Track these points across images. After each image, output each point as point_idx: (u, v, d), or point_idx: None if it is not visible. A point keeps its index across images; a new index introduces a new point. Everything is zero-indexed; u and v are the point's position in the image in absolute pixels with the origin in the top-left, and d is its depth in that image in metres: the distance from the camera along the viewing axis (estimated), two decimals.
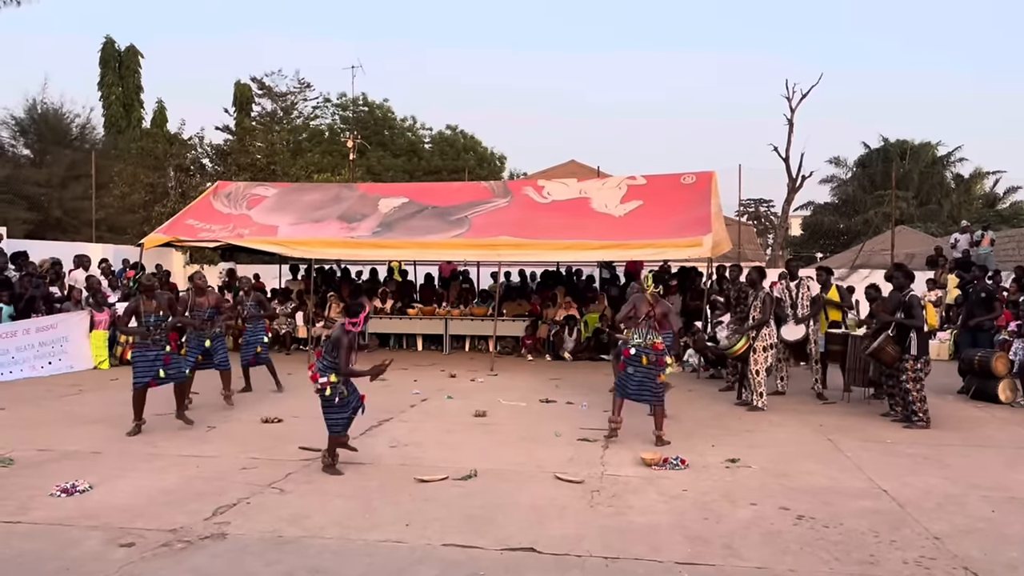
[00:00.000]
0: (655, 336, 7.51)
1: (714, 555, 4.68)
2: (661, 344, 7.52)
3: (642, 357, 7.45)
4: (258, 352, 10.51)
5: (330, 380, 6.30)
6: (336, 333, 6.39)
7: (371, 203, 15.53)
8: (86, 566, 4.48)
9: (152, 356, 7.97)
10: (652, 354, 7.45)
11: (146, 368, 7.93)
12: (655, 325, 7.51)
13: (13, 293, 12.72)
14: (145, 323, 8.01)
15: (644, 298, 7.60)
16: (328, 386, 6.30)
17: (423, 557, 4.64)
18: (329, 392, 6.32)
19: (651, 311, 7.52)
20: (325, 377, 6.31)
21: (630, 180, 15.28)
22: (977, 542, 4.94)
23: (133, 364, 8.09)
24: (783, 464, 6.82)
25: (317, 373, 6.36)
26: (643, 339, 7.50)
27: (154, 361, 7.95)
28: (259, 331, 10.65)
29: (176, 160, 23.68)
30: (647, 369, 7.46)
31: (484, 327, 15.33)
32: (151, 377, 7.93)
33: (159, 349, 8.02)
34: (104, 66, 33.65)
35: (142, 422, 7.94)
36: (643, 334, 7.51)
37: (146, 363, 7.95)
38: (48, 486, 5.92)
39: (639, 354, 7.48)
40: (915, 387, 8.46)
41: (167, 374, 8.03)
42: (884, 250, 21.34)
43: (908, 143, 40.34)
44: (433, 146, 40.89)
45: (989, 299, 11.80)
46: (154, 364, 7.95)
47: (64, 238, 21.93)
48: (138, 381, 7.92)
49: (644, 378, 7.50)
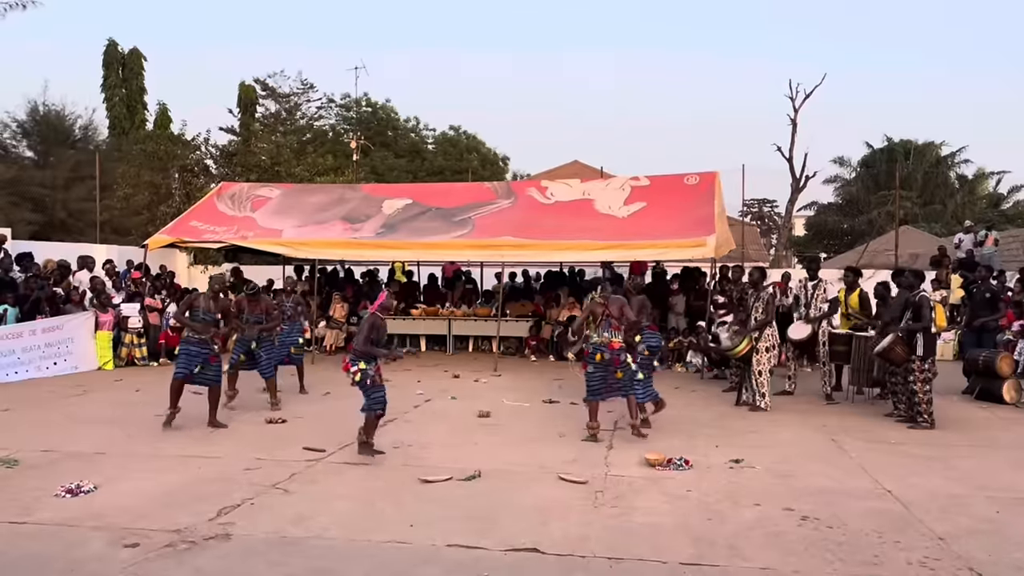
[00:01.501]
0: (613, 335, 7.77)
1: (718, 556, 4.68)
2: (618, 343, 7.76)
3: (596, 354, 7.75)
4: (292, 352, 10.59)
5: (360, 367, 6.82)
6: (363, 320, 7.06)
7: (375, 204, 15.55)
8: (90, 567, 4.49)
9: (195, 352, 8.14)
10: (607, 352, 7.72)
11: (188, 361, 8.13)
12: (614, 324, 7.77)
13: (18, 295, 12.75)
14: (201, 319, 8.22)
15: (596, 302, 7.94)
16: (360, 372, 6.82)
17: (427, 558, 4.64)
18: (360, 377, 6.84)
19: (605, 311, 7.79)
20: (355, 366, 6.84)
21: (633, 181, 15.27)
22: (982, 543, 4.92)
23: (178, 355, 8.37)
24: (787, 465, 6.82)
25: (349, 363, 6.89)
26: (600, 337, 7.79)
27: (196, 357, 8.13)
28: (295, 332, 10.76)
29: (180, 161, 23.70)
30: (604, 366, 7.74)
31: (488, 328, 15.33)
32: (190, 371, 8.11)
33: (207, 349, 8.19)
34: (107, 68, 33.71)
35: (177, 410, 8.13)
36: (600, 333, 7.81)
37: (189, 357, 8.14)
38: (53, 487, 5.94)
39: (595, 351, 7.78)
40: (923, 388, 8.43)
41: (206, 374, 8.18)
42: (888, 250, 21.31)
43: (912, 143, 40.23)
44: (436, 147, 40.89)
45: (994, 299, 11.78)
46: (195, 360, 8.12)
47: (69, 239, 21.95)
48: (178, 372, 8.16)
49: (604, 374, 7.76)
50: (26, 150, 30.72)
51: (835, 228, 41.65)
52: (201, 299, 8.39)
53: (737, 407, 9.60)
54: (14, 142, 30.30)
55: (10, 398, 10.01)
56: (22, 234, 20.87)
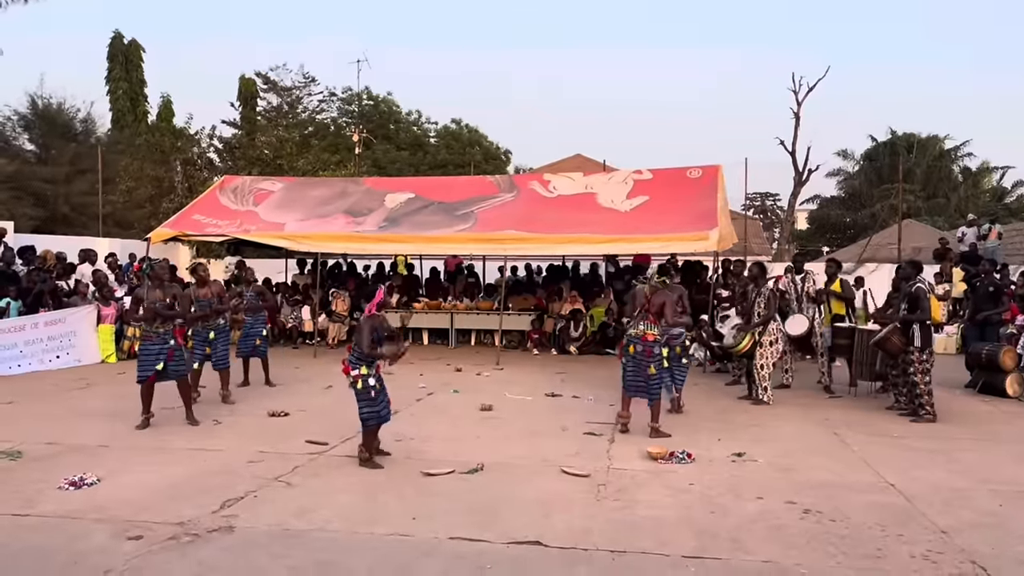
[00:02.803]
0: (649, 327, 7.61)
1: (721, 549, 4.67)
2: (652, 336, 7.58)
3: (631, 346, 7.63)
4: (257, 344, 10.48)
5: (361, 372, 6.37)
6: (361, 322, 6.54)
7: (377, 198, 15.56)
8: (93, 559, 4.49)
9: (156, 350, 7.90)
10: (640, 344, 7.57)
11: (149, 362, 7.88)
12: (651, 317, 7.63)
13: (21, 288, 12.77)
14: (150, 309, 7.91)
15: (643, 291, 7.80)
16: (360, 379, 6.36)
17: (429, 550, 4.64)
18: (361, 385, 6.37)
19: (647, 304, 7.66)
20: (356, 370, 6.38)
21: (636, 174, 15.25)
22: (985, 536, 4.92)
23: (138, 358, 8.05)
24: (789, 458, 6.81)
25: (349, 366, 6.42)
26: (635, 329, 7.68)
27: (157, 355, 7.88)
28: (259, 323, 10.62)
29: (182, 154, 23.69)
30: (636, 359, 7.59)
31: (490, 321, 15.34)
32: (153, 371, 7.87)
33: (163, 343, 7.94)
34: (111, 61, 33.65)
35: (150, 415, 7.93)
36: (636, 324, 7.70)
37: (150, 357, 7.90)
38: (56, 479, 5.95)
39: (628, 343, 7.67)
40: (923, 379, 8.43)
41: (168, 369, 7.93)
42: (891, 244, 21.27)
43: (915, 136, 40.12)
44: (439, 140, 40.78)
45: (997, 293, 11.76)
46: (157, 358, 7.87)
47: (71, 233, 21.94)
48: (141, 376, 7.92)
49: (636, 368, 7.62)
50: (27, 143, 30.67)
51: (838, 222, 41.60)
52: (147, 292, 7.98)
53: (740, 401, 9.60)
54: (15, 135, 30.25)
55: (13, 391, 10.03)
56: (24, 228, 20.84)
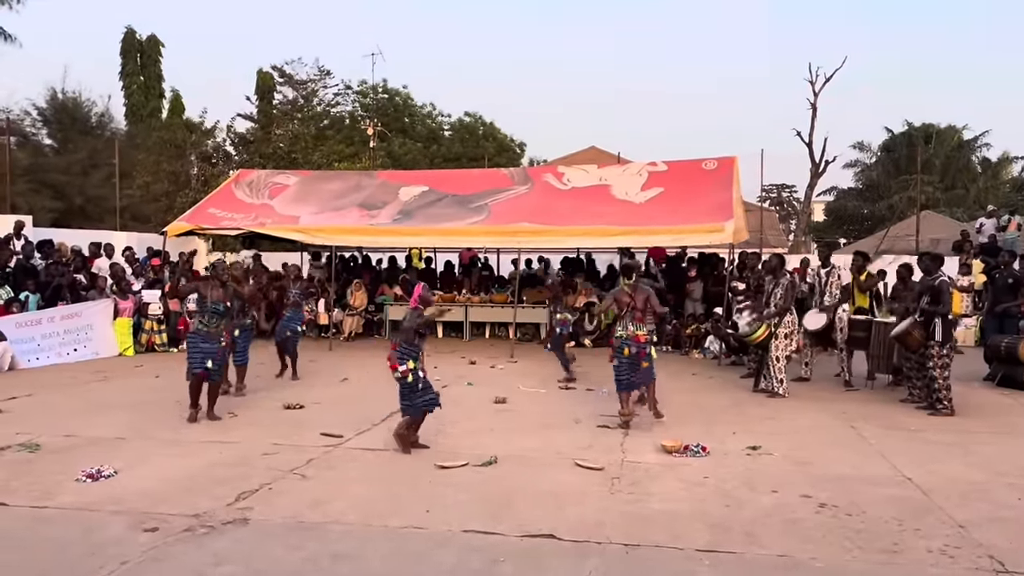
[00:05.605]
0: (637, 327, 7.74)
1: (735, 543, 4.65)
2: (643, 336, 7.74)
3: (624, 349, 7.75)
4: (288, 335, 10.63)
5: (409, 367, 6.51)
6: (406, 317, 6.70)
7: (392, 191, 15.59)
8: (110, 550, 4.53)
9: (206, 347, 7.90)
10: (633, 346, 7.73)
11: (199, 358, 7.89)
12: (638, 316, 7.74)
13: (39, 281, 12.88)
14: (209, 309, 7.98)
15: (623, 290, 7.87)
16: (409, 373, 6.51)
17: (443, 542, 4.65)
18: (411, 379, 6.52)
19: (631, 302, 7.75)
20: (404, 365, 6.51)
21: (651, 166, 15.19)
22: (1003, 531, 4.87)
23: (188, 352, 8.07)
24: (805, 451, 6.77)
25: (396, 362, 6.54)
26: (625, 331, 7.78)
27: (207, 353, 7.88)
28: (296, 319, 10.82)
29: (198, 148, 23.79)
30: (630, 359, 7.74)
31: (504, 314, 15.34)
32: (203, 368, 7.87)
33: (215, 342, 7.96)
34: (125, 56, 33.86)
35: (199, 408, 7.96)
36: (626, 326, 7.80)
37: (199, 353, 7.90)
38: (74, 471, 6.00)
39: (622, 346, 7.78)
40: (942, 374, 8.35)
41: (216, 368, 7.96)
42: (909, 235, 21.07)
43: (933, 127, 39.69)
44: (453, 133, 40.76)
45: (1016, 285, 11.62)
46: (206, 356, 7.88)
47: (89, 226, 22.10)
48: (195, 368, 7.92)
49: (630, 367, 7.77)
50: (45, 138, 30.92)
51: (855, 213, 41.24)
52: (209, 290, 8.03)
53: (755, 393, 9.55)
54: (34, 129, 30.51)
55: (32, 383, 10.13)
56: (43, 221, 21.04)
